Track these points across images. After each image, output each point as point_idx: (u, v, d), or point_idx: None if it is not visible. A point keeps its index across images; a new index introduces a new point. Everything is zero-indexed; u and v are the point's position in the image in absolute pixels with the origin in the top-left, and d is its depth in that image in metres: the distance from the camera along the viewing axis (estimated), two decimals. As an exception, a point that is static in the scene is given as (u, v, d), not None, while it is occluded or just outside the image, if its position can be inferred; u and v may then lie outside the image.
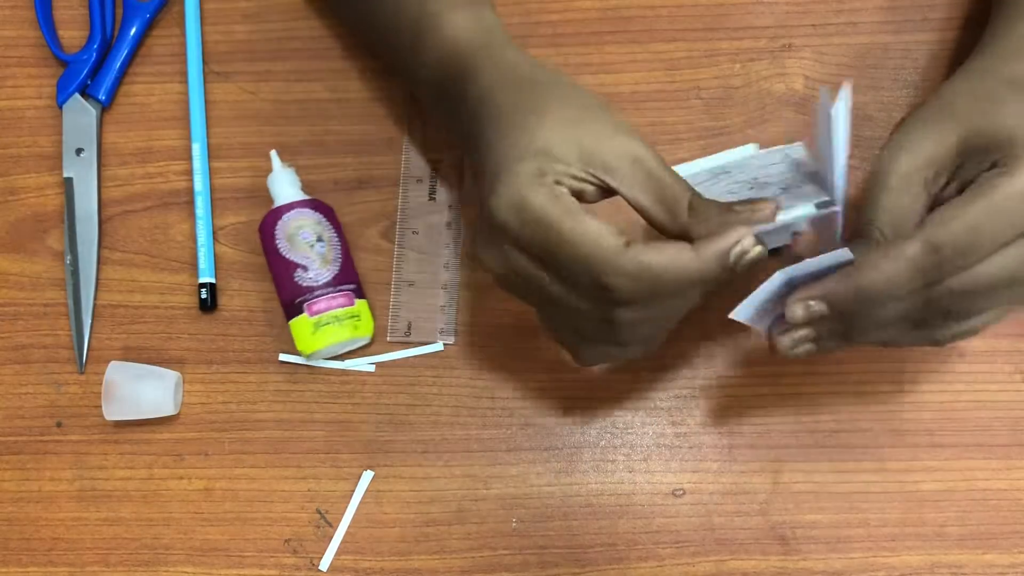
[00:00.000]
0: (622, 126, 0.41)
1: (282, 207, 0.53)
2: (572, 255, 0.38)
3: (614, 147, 0.40)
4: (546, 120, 0.41)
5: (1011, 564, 0.50)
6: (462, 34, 0.46)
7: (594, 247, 0.38)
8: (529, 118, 0.41)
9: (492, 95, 0.43)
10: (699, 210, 0.39)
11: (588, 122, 0.41)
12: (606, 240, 0.38)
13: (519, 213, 0.39)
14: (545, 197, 0.39)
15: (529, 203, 0.39)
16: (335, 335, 0.51)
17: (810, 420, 0.52)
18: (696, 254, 0.38)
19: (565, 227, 0.38)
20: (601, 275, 0.38)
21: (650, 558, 0.51)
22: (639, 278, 0.38)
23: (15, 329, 0.56)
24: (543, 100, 0.42)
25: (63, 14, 0.60)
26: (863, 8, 0.56)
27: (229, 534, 0.53)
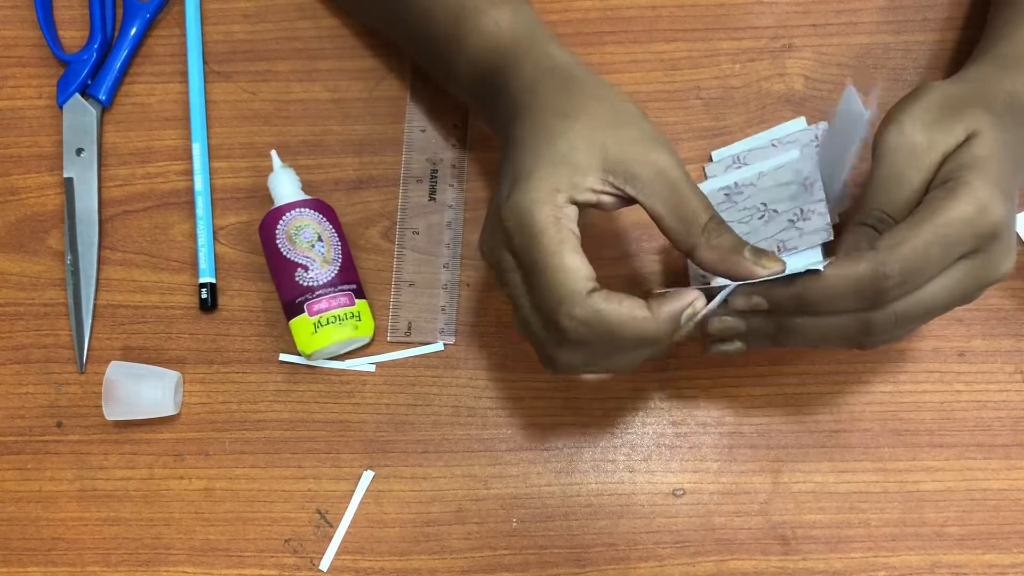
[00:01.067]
0: (651, 135, 0.42)
1: (282, 207, 0.53)
2: (543, 281, 0.40)
3: (639, 156, 0.41)
4: (575, 125, 0.41)
5: (1011, 564, 0.50)
6: (505, 28, 0.46)
7: (562, 282, 0.40)
8: (559, 121, 0.42)
9: (528, 91, 0.44)
10: (712, 235, 0.41)
11: (617, 128, 0.42)
12: (575, 281, 0.40)
13: (520, 223, 0.40)
14: (547, 219, 0.40)
15: (531, 219, 0.40)
16: (335, 335, 0.51)
17: (810, 420, 0.52)
18: (651, 314, 0.40)
19: (548, 253, 0.40)
20: (558, 309, 0.40)
21: (650, 558, 0.51)
22: (589, 324, 0.40)
23: (15, 329, 0.56)
24: (576, 102, 0.42)
25: (63, 14, 0.60)
26: (863, 8, 0.56)
27: (229, 534, 0.53)
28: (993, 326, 0.53)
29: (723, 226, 0.41)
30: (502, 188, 0.42)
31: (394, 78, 0.57)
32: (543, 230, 0.40)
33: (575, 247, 0.40)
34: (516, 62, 0.45)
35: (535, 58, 0.45)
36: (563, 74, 0.44)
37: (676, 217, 0.41)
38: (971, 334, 0.53)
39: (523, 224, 0.40)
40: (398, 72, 0.57)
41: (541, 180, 0.41)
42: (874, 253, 0.39)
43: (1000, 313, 0.53)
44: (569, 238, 0.40)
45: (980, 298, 0.52)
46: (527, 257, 0.41)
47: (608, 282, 0.41)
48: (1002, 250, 0.40)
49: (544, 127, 0.42)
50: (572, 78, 0.44)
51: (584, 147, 0.41)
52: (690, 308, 0.40)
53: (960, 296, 0.41)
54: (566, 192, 0.41)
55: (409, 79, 0.57)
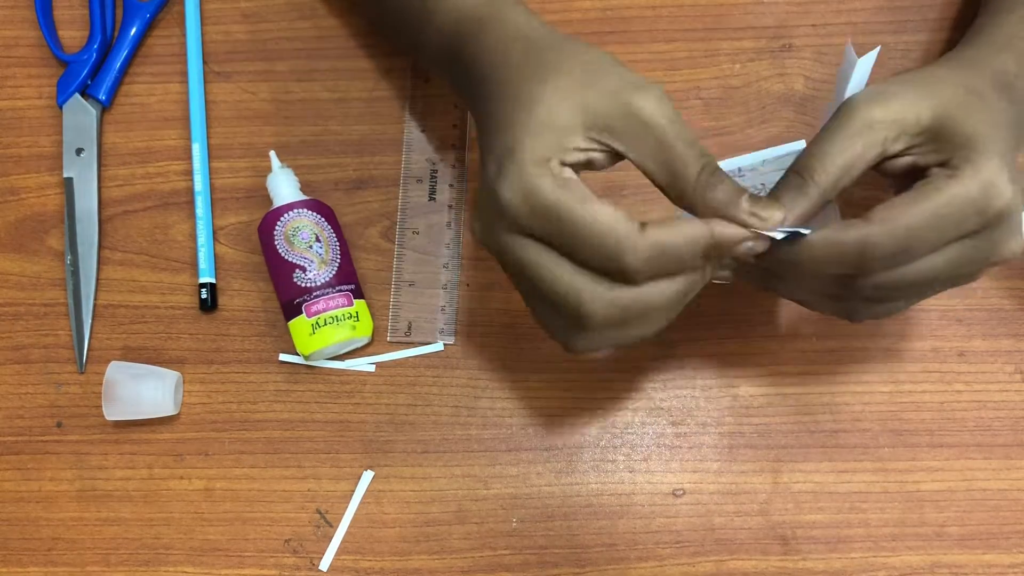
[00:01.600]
0: (632, 82, 0.40)
1: (280, 208, 0.53)
2: (589, 240, 0.38)
3: (620, 107, 0.39)
4: (548, 87, 0.40)
5: (1011, 564, 0.50)
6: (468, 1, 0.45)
7: (612, 231, 0.38)
8: (532, 86, 0.40)
9: (497, 62, 0.42)
10: (706, 188, 0.39)
11: (594, 82, 0.40)
12: (623, 224, 0.38)
13: (529, 203, 0.38)
14: (554, 185, 0.38)
15: (539, 193, 0.38)
16: (333, 336, 0.51)
17: (810, 420, 0.52)
18: (711, 232, 0.38)
19: (578, 214, 0.38)
20: (620, 257, 0.38)
21: (650, 558, 0.51)
22: (652, 259, 0.38)
23: (15, 329, 0.56)
24: (547, 64, 0.41)
25: (63, 14, 0.60)
26: (863, 8, 0.56)
27: (229, 534, 0.53)
28: (993, 326, 0.53)
29: (717, 175, 0.39)
30: (488, 169, 0.41)
31: (394, 78, 0.57)
32: (558, 198, 0.38)
33: (597, 198, 0.38)
34: (481, 31, 0.44)
35: (500, 26, 0.43)
36: (531, 39, 0.42)
37: (666, 171, 0.39)
38: (971, 334, 0.53)
39: (532, 204, 0.38)
40: (398, 72, 0.57)
41: (528, 153, 0.39)
42: (865, 224, 0.38)
43: (1000, 313, 0.53)
44: (587, 193, 0.38)
45: (980, 298, 0.53)
46: (553, 230, 0.39)
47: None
48: (1009, 230, 0.39)
49: (518, 96, 0.40)
50: (540, 41, 0.42)
51: (563, 107, 0.39)
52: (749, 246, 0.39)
53: (958, 276, 0.40)
54: (556, 157, 0.39)
55: (409, 79, 0.57)
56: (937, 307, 0.53)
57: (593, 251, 0.38)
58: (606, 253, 0.38)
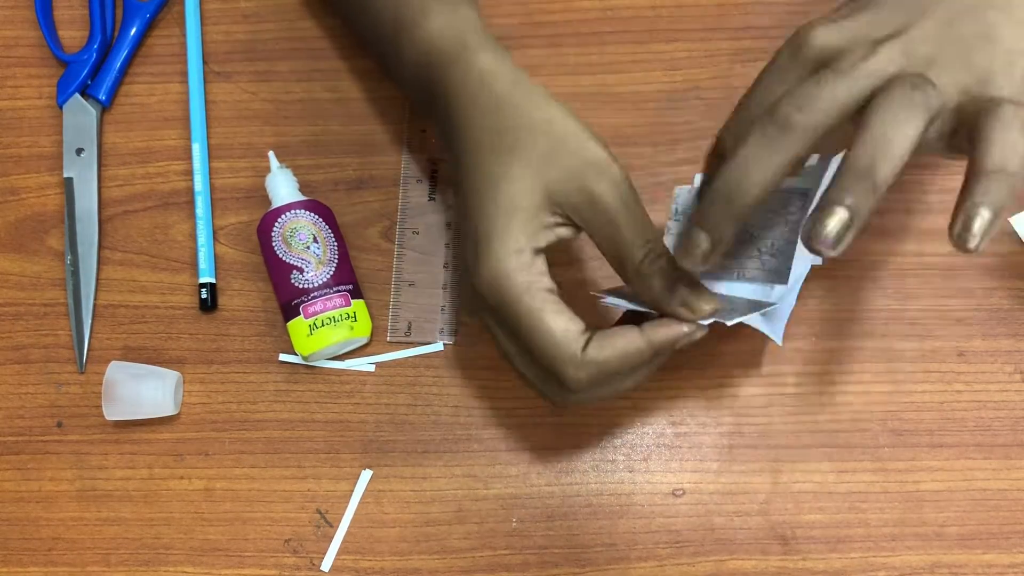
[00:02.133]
0: (590, 161, 0.41)
1: (278, 209, 0.53)
2: (535, 348, 0.41)
3: (578, 190, 0.41)
4: (514, 163, 0.41)
5: (1011, 564, 0.50)
6: (436, 37, 0.45)
7: (554, 348, 0.41)
8: (495, 161, 0.42)
9: (460, 123, 0.43)
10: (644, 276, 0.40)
11: (555, 160, 0.41)
12: (566, 344, 0.41)
13: (497, 298, 0.41)
14: (520, 287, 0.41)
15: (505, 292, 0.41)
16: (331, 336, 0.51)
17: (810, 420, 0.52)
18: (647, 342, 0.41)
19: (533, 322, 0.41)
20: (558, 372, 0.41)
21: (650, 558, 0.51)
22: (591, 376, 0.41)
23: (15, 329, 0.56)
24: (510, 135, 0.42)
25: (63, 14, 0.60)
26: (863, 8, 0.56)
27: (229, 534, 0.53)
28: (993, 326, 0.53)
29: (656, 263, 0.40)
30: (466, 247, 0.43)
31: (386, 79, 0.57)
32: (519, 299, 0.41)
33: (556, 308, 0.41)
34: (447, 80, 0.44)
35: (462, 74, 0.44)
36: (491, 96, 0.43)
37: (614, 254, 0.41)
38: (971, 334, 0.53)
39: (500, 299, 0.41)
40: (399, 74, 0.57)
41: (500, 242, 0.41)
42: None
43: (1000, 313, 0.53)
44: (548, 301, 0.41)
45: (980, 298, 0.53)
46: (514, 327, 0.42)
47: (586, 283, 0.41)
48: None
49: (484, 172, 0.42)
50: (500, 101, 0.42)
51: (527, 187, 0.41)
52: (686, 339, 0.41)
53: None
54: (528, 245, 0.41)
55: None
56: (937, 307, 0.53)
57: (539, 358, 0.41)
58: (548, 365, 0.41)
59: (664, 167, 0.55)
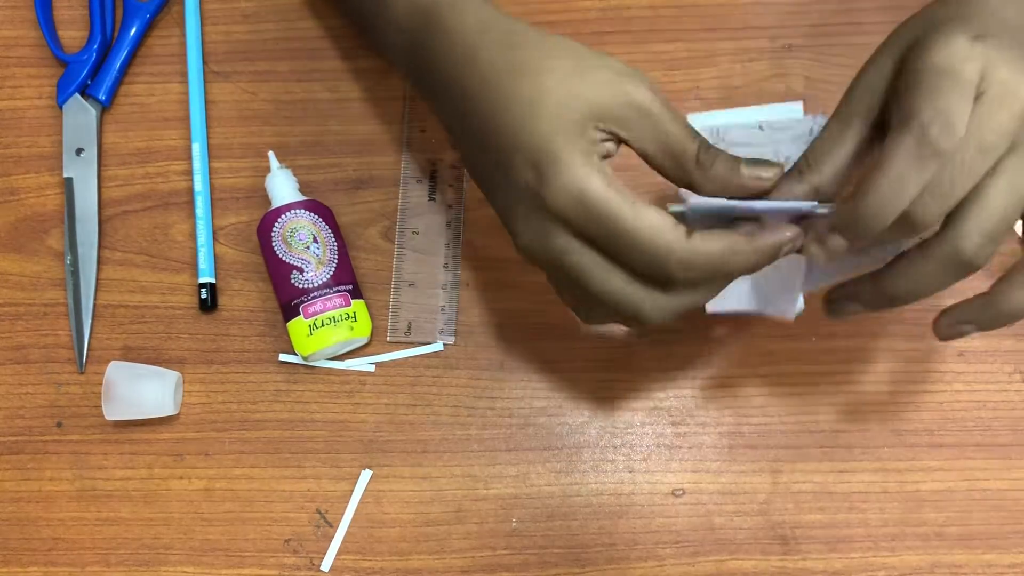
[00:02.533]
0: (622, 71, 0.40)
1: (278, 209, 0.53)
2: (637, 246, 0.39)
3: (619, 98, 0.39)
4: (544, 83, 0.40)
5: (1011, 564, 0.50)
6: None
7: (657, 237, 0.38)
8: (521, 86, 0.40)
9: (461, 56, 0.42)
10: (706, 165, 0.40)
11: (585, 75, 0.40)
12: (669, 232, 0.38)
13: (582, 204, 0.39)
14: (604, 184, 0.38)
15: (591, 193, 0.38)
16: (331, 336, 0.51)
17: (810, 420, 0.52)
18: (753, 246, 0.39)
19: (629, 220, 0.38)
20: (665, 264, 0.38)
21: (650, 558, 0.51)
22: (699, 267, 0.39)
23: (15, 329, 0.56)
24: (528, 61, 0.40)
25: (63, 14, 0.60)
26: (863, 8, 0.56)
27: (229, 534, 0.53)
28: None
29: (712, 152, 0.40)
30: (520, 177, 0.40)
31: (394, 78, 0.57)
32: (608, 199, 0.38)
33: (647, 203, 0.39)
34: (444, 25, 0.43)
35: (459, 17, 0.43)
36: (498, 30, 0.42)
37: (665, 154, 0.40)
38: (971, 334, 0.53)
39: (587, 206, 0.38)
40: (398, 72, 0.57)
41: (568, 152, 0.39)
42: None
43: (1000, 313, 0.53)
44: (637, 197, 0.39)
45: (980, 298, 0.53)
46: (605, 234, 0.39)
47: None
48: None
49: (514, 96, 0.40)
50: (509, 32, 0.41)
51: (569, 102, 0.39)
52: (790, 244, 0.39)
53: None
54: (594, 151, 0.39)
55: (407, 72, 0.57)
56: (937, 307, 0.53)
57: (641, 256, 0.39)
58: (652, 259, 0.39)
59: (664, 167, 0.55)
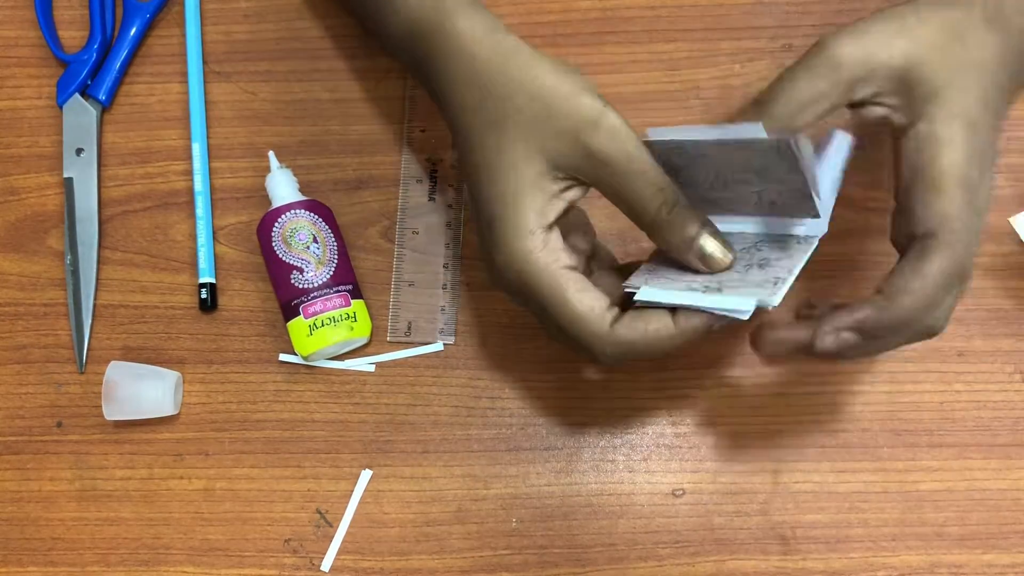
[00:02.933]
0: (584, 118, 0.39)
1: (278, 209, 0.53)
2: (563, 327, 0.41)
3: (579, 150, 0.39)
4: (506, 138, 0.40)
5: (1011, 564, 0.50)
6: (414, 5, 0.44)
7: (581, 327, 0.40)
8: (491, 135, 0.41)
9: (451, 95, 0.43)
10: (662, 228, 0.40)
11: (548, 123, 0.40)
12: (593, 322, 0.40)
13: (518, 280, 0.41)
14: (540, 270, 0.40)
15: (526, 276, 0.40)
16: (331, 336, 0.51)
17: (810, 420, 0.52)
18: (677, 329, 0.40)
19: (557, 305, 0.40)
20: (588, 348, 0.41)
21: (650, 558, 0.51)
22: (622, 352, 0.41)
23: (15, 329, 0.56)
24: (498, 107, 0.41)
25: (63, 14, 0.60)
26: (863, 8, 0.56)
27: (229, 534, 0.53)
28: (993, 326, 0.53)
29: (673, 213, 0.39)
30: (479, 228, 0.43)
31: (394, 78, 0.57)
32: (539, 283, 0.40)
33: (579, 285, 0.40)
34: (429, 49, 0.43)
35: (443, 43, 0.43)
36: (472, 66, 0.42)
37: (627, 208, 0.40)
38: (971, 334, 0.53)
39: (521, 283, 0.41)
40: (398, 72, 0.57)
41: (511, 226, 0.40)
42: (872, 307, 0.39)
43: (1000, 313, 0.53)
44: (569, 280, 0.40)
45: (980, 298, 0.53)
46: (539, 308, 0.41)
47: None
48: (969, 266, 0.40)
49: (481, 149, 0.41)
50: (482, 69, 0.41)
51: (526, 159, 0.40)
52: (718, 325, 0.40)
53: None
54: (538, 225, 0.40)
55: (409, 79, 0.57)
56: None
57: (569, 338, 0.41)
58: (578, 344, 0.41)
59: (664, 167, 0.55)
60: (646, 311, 0.40)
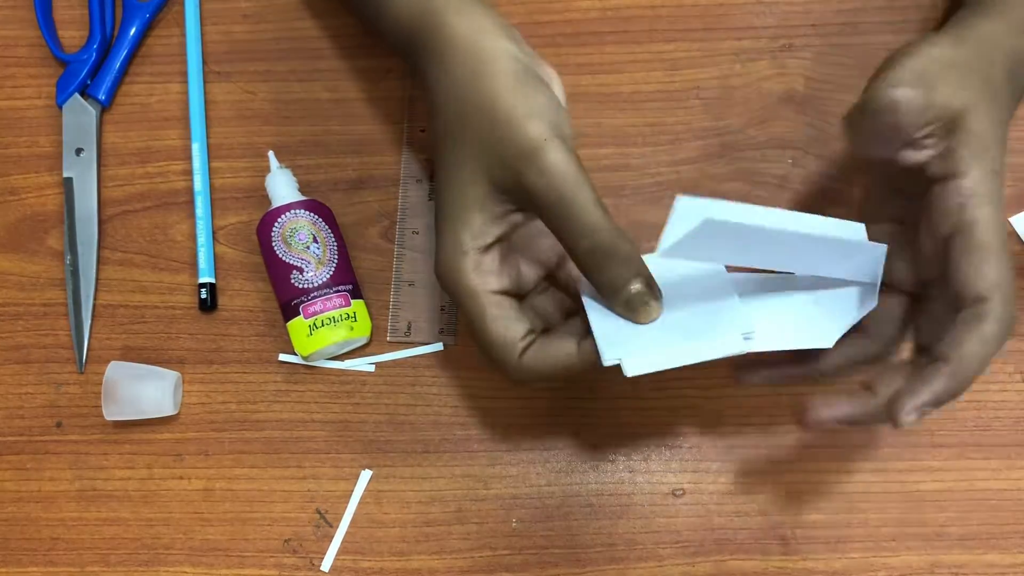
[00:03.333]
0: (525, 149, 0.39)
1: (278, 209, 0.53)
2: (480, 346, 0.43)
3: (515, 182, 0.40)
4: (461, 156, 0.41)
5: (1011, 564, 0.50)
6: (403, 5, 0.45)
7: (494, 352, 0.42)
8: (450, 150, 0.42)
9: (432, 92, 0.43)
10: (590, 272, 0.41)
11: (494, 145, 0.40)
12: (503, 350, 0.42)
13: (448, 292, 0.43)
14: (465, 290, 0.42)
15: (453, 292, 0.42)
16: (331, 336, 0.51)
17: (810, 420, 0.52)
18: (580, 360, 0.41)
19: (475, 326, 0.42)
20: (503, 371, 0.43)
21: (650, 558, 0.51)
22: (530, 379, 0.42)
23: (15, 329, 0.56)
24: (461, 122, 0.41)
25: (63, 14, 0.60)
26: (863, 8, 0.56)
27: (229, 534, 0.53)
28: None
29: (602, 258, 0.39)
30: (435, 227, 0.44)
31: (394, 78, 0.57)
32: (462, 302, 0.42)
33: (497, 312, 0.42)
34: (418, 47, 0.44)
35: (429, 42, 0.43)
36: (449, 76, 0.42)
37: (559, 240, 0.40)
38: (971, 334, 0.53)
39: (450, 295, 0.43)
40: (398, 72, 0.57)
41: (449, 242, 0.42)
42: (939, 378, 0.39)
43: (1000, 313, 0.53)
44: (490, 305, 0.42)
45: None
46: (466, 323, 0.43)
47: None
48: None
49: (442, 162, 0.43)
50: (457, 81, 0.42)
51: (472, 179, 0.41)
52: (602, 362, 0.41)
53: None
54: (472, 246, 0.41)
55: (409, 79, 0.57)
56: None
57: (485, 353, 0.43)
58: (493, 361, 0.43)
59: (664, 167, 0.55)
60: (552, 339, 0.42)
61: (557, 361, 0.42)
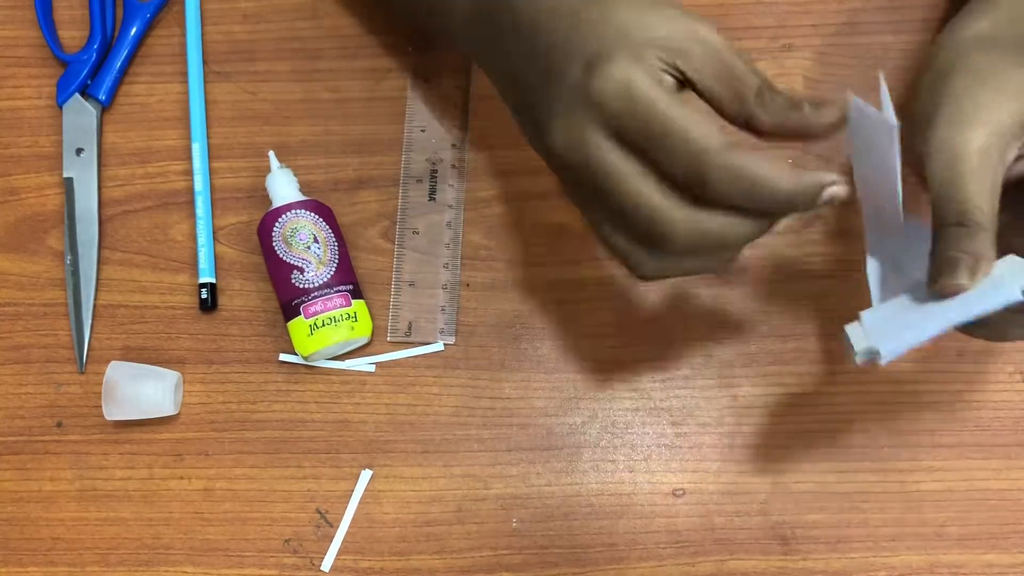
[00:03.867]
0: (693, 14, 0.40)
1: (279, 208, 0.53)
2: (678, 145, 0.37)
3: (688, 32, 0.39)
4: (617, 8, 0.39)
5: (1011, 564, 0.50)
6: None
7: (703, 139, 0.37)
8: (596, 11, 0.39)
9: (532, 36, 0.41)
10: (766, 100, 0.39)
11: (658, 7, 0.39)
12: (715, 136, 0.37)
13: (627, 95, 0.37)
14: (653, 81, 0.37)
15: (638, 86, 0.37)
16: (332, 336, 0.51)
17: (810, 420, 0.52)
18: (796, 176, 0.37)
19: (674, 115, 0.37)
20: (703, 167, 0.37)
21: (650, 558, 0.51)
22: (737, 179, 0.36)
23: (15, 329, 0.56)
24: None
25: (63, 14, 0.60)
26: (863, 8, 0.56)
27: (229, 534, 0.53)
28: (993, 326, 0.53)
29: (773, 89, 0.39)
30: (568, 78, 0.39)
31: (394, 78, 0.57)
32: (656, 95, 0.37)
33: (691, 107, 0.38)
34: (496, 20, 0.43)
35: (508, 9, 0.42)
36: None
37: (725, 86, 0.39)
38: (971, 334, 0.53)
39: (630, 95, 0.37)
40: (398, 72, 0.57)
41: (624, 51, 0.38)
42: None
43: (1000, 313, 0.53)
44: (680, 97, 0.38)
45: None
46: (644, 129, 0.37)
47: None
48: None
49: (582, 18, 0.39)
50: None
51: (638, 26, 0.39)
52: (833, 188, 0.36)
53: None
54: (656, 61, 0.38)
55: (409, 79, 0.57)
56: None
57: (679, 158, 0.37)
58: (692, 161, 0.37)
59: (664, 167, 0.55)
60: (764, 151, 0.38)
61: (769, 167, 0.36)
